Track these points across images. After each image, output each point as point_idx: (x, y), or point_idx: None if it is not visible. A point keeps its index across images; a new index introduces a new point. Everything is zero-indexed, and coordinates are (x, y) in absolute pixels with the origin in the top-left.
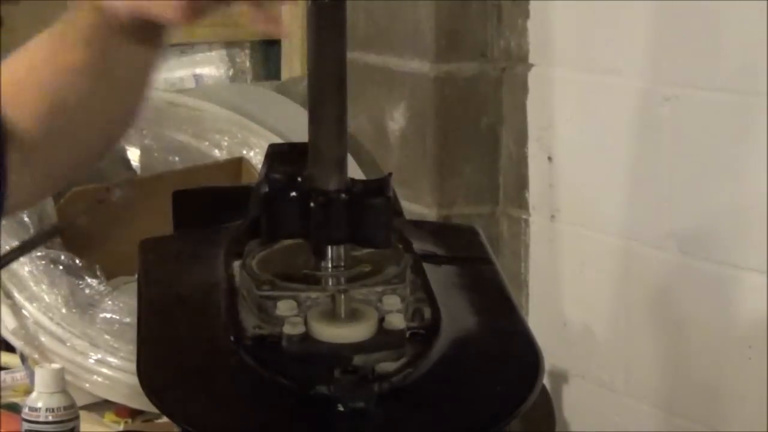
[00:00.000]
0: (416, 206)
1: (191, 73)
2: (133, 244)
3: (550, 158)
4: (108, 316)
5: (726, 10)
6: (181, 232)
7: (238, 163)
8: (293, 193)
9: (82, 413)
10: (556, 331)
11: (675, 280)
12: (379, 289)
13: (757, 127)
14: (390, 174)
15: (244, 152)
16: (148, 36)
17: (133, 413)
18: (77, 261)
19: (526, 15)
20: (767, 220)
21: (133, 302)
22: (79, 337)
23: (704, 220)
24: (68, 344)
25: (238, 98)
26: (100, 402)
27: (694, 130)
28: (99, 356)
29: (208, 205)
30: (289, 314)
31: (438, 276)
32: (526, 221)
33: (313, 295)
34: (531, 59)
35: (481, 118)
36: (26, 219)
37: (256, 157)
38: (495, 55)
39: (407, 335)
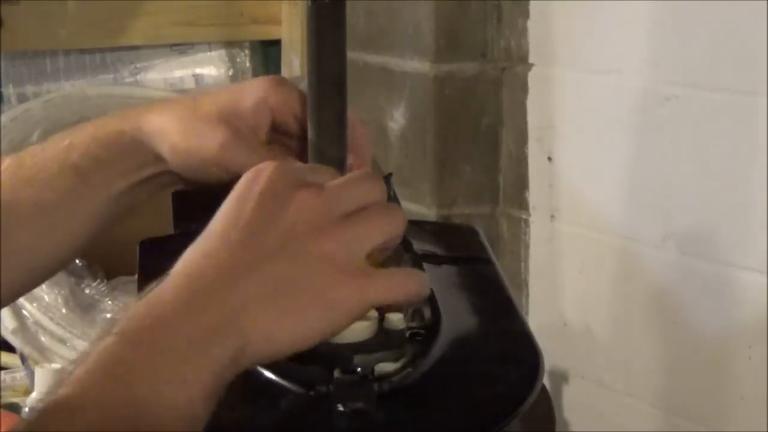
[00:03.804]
0: (416, 206)
1: (191, 73)
2: (133, 244)
3: (550, 158)
4: (108, 316)
5: (726, 10)
6: (181, 232)
7: None
8: None
9: None
10: (556, 331)
11: (675, 280)
12: None
13: (757, 127)
14: (390, 174)
15: None
16: None
17: None
18: (77, 261)
19: (526, 15)
20: (767, 220)
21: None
22: (79, 337)
23: (704, 220)
24: (68, 344)
25: None
26: None
27: (694, 130)
28: None
29: (208, 205)
30: None
31: (438, 276)
32: (526, 221)
33: None
34: (531, 59)
35: (481, 118)
36: None
37: None
38: (495, 55)
39: (407, 335)
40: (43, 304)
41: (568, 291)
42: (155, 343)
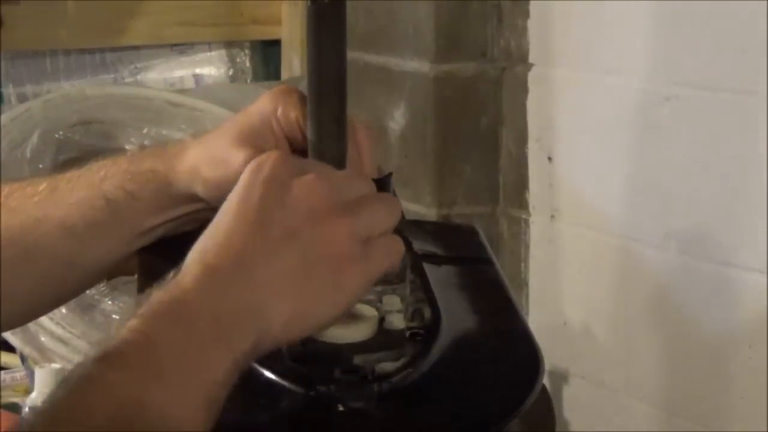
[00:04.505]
0: (416, 206)
1: (191, 73)
2: None
3: (550, 158)
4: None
5: (726, 10)
6: (181, 232)
7: None
8: None
9: None
10: (556, 331)
11: (675, 280)
12: (379, 289)
13: (757, 127)
14: (390, 173)
15: None
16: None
17: None
18: None
19: (526, 15)
20: (767, 220)
21: (133, 302)
22: (79, 337)
23: (704, 220)
24: (68, 344)
25: (238, 98)
26: None
27: (694, 130)
28: None
29: None
30: None
31: (438, 276)
32: (526, 221)
33: None
34: (531, 59)
35: (481, 118)
36: None
37: None
38: (495, 55)
39: (407, 335)
40: None
41: (568, 291)
42: (179, 330)
